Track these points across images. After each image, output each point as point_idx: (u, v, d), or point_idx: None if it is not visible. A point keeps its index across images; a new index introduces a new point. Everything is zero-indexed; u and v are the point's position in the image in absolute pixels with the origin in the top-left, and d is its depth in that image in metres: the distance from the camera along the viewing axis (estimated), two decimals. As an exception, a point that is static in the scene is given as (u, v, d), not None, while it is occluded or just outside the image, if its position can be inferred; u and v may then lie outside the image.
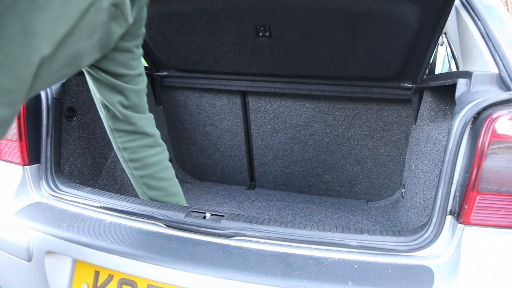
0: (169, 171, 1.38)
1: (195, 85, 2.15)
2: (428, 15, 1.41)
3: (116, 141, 1.30)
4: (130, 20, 1.06)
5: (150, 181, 1.33)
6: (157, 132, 1.33)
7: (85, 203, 1.34)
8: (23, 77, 0.80)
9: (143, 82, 1.26)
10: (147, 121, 1.29)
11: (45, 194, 1.41)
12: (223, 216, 1.22)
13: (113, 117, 1.26)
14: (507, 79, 1.12)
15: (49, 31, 0.81)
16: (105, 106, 1.24)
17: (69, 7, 0.83)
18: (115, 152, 1.91)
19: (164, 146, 1.37)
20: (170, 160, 2.21)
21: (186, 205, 1.39)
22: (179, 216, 1.21)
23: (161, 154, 1.34)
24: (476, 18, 1.45)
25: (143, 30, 1.20)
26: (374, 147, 2.07)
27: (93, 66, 1.15)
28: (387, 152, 2.06)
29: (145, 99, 1.28)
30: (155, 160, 1.32)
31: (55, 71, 0.90)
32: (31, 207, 1.36)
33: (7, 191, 1.42)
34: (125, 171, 1.96)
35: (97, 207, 1.32)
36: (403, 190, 1.94)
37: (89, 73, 1.19)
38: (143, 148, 1.30)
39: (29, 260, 1.28)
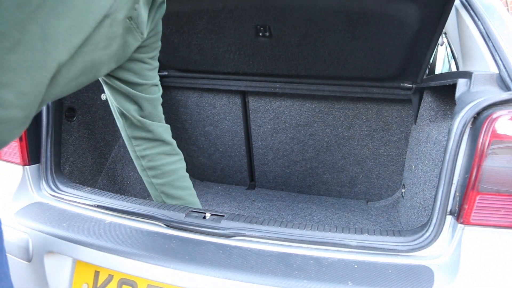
0: (187, 181, 1.39)
1: (195, 85, 2.15)
2: (428, 15, 1.40)
3: (134, 150, 1.31)
4: (146, 33, 1.09)
5: (169, 189, 1.34)
6: (174, 142, 1.35)
7: (85, 203, 1.34)
8: (40, 81, 0.83)
9: (158, 92, 1.27)
10: (163, 129, 1.31)
11: (45, 194, 1.41)
12: (223, 216, 1.22)
13: (131, 125, 1.27)
14: (507, 79, 1.12)
15: (66, 38, 0.83)
16: (122, 115, 1.26)
17: (86, 17, 0.86)
18: (115, 152, 1.91)
19: (181, 156, 1.38)
20: None
21: None
22: (179, 216, 1.21)
23: (179, 163, 1.36)
24: (476, 18, 1.45)
25: (159, 43, 1.22)
26: (374, 147, 2.06)
27: (109, 75, 1.17)
28: (387, 152, 2.06)
29: (160, 109, 1.30)
30: (173, 168, 1.33)
31: (71, 78, 0.92)
32: (31, 207, 1.36)
33: (7, 191, 1.42)
34: (125, 171, 1.97)
35: (97, 207, 1.32)
36: (403, 190, 1.94)
37: (105, 82, 1.21)
38: (161, 156, 1.31)
39: (29, 260, 1.28)
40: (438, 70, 2.59)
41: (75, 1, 0.82)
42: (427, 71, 1.79)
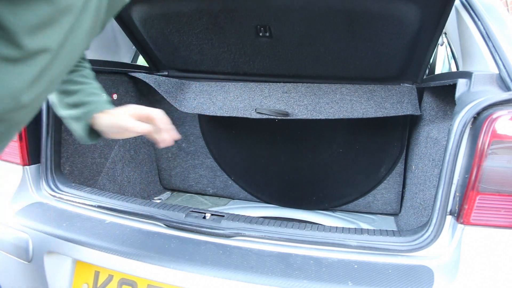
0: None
1: None
2: (428, 15, 1.40)
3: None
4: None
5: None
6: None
7: (85, 203, 1.34)
8: None
9: None
10: None
11: (45, 194, 1.41)
12: (223, 216, 1.22)
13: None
14: (507, 79, 1.12)
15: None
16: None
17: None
18: (115, 152, 1.91)
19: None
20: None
21: None
22: (179, 216, 1.21)
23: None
24: (476, 18, 1.45)
25: None
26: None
27: None
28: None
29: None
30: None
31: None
32: (31, 207, 1.36)
33: (7, 191, 1.42)
34: (125, 171, 1.97)
35: (97, 207, 1.32)
36: (403, 190, 1.94)
37: None
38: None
39: (29, 260, 1.28)
40: (438, 70, 2.59)
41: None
42: (427, 71, 1.79)
